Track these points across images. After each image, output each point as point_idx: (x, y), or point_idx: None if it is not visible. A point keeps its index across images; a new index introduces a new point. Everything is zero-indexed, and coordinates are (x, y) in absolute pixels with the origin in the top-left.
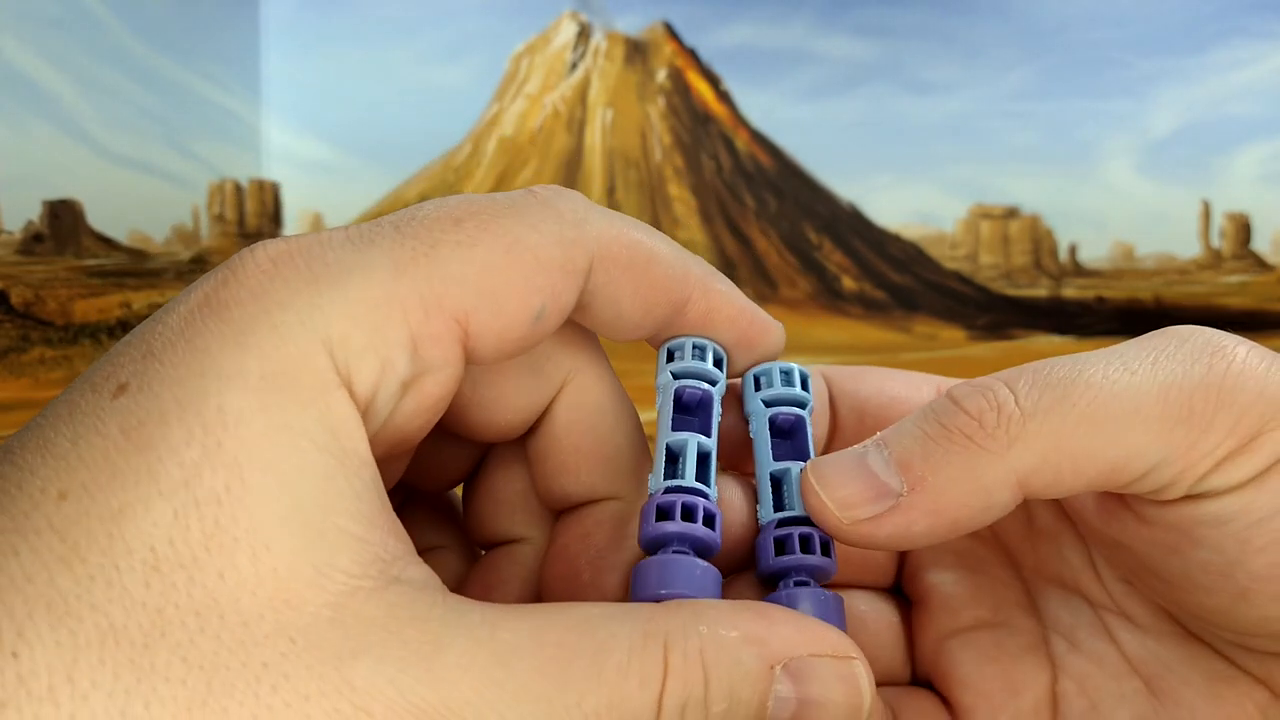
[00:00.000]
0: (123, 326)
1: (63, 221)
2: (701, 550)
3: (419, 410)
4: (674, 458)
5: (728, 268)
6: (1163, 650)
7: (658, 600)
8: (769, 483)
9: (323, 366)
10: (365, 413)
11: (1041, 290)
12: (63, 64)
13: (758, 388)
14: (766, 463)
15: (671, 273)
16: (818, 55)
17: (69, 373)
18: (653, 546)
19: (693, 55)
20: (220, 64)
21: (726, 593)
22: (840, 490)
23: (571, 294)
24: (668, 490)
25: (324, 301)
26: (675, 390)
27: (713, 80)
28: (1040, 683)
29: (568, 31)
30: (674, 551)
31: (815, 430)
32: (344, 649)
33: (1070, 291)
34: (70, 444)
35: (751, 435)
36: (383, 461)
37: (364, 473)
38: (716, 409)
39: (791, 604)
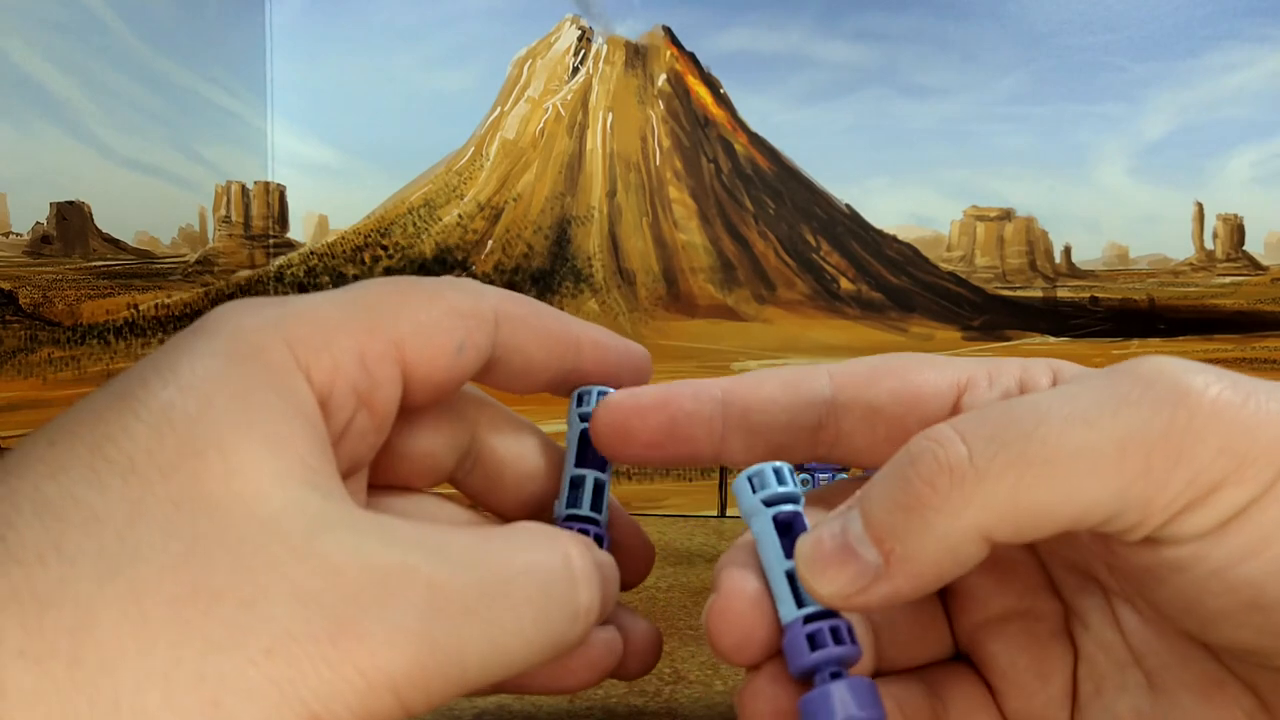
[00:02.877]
0: (130, 327)
1: (70, 223)
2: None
3: (370, 428)
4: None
5: (726, 269)
6: (1163, 647)
7: None
8: (785, 580)
9: (283, 353)
10: (324, 407)
11: (1036, 291)
12: (70, 68)
13: (754, 489)
14: (779, 561)
15: (558, 324)
16: (815, 60)
17: (76, 373)
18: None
19: (692, 60)
20: (226, 68)
21: (752, 682)
22: (828, 574)
23: (484, 337)
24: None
25: (284, 314)
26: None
27: (712, 84)
28: (1067, 667)
29: (569, 36)
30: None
31: (784, 432)
32: (309, 528)
33: (1065, 293)
34: (62, 416)
35: (755, 535)
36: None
37: (317, 430)
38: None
39: (828, 698)
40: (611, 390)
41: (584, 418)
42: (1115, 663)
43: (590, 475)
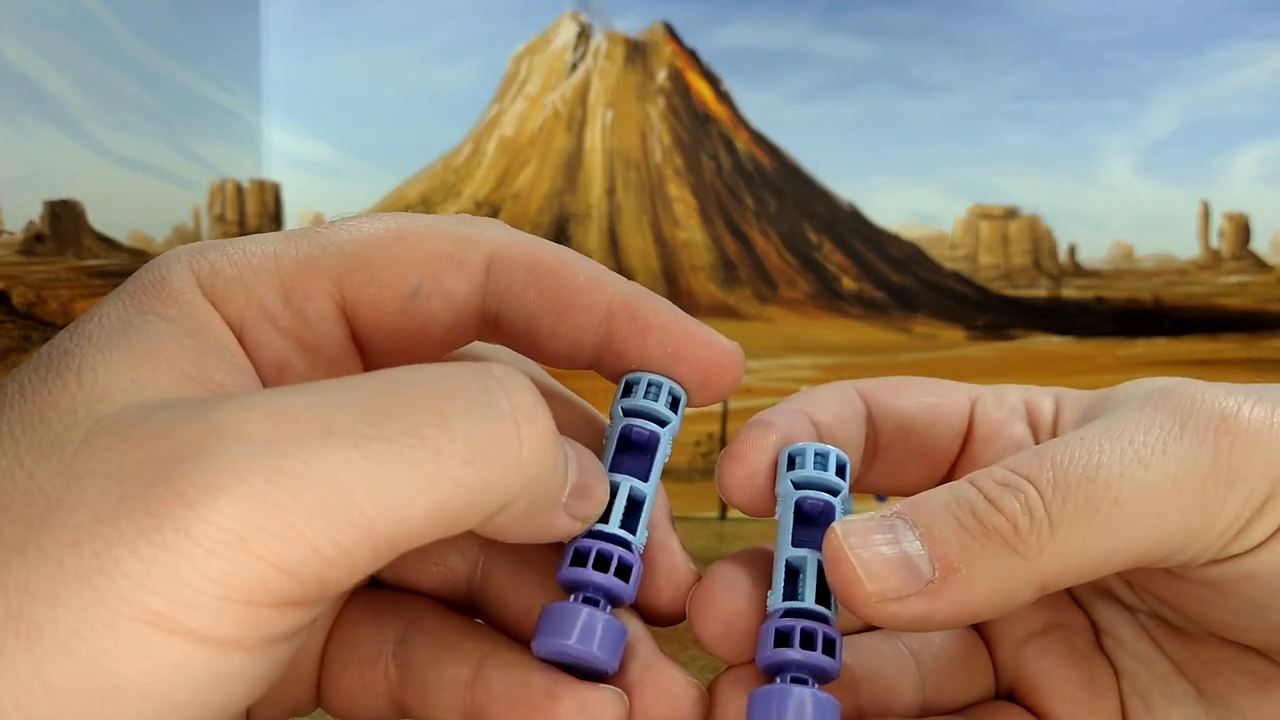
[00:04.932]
0: None
1: (64, 222)
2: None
3: (315, 369)
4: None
5: (727, 268)
6: (1205, 653)
7: None
8: (783, 570)
9: (185, 281)
10: (241, 338)
11: (1041, 290)
12: (64, 65)
13: (790, 467)
14: (785, 548)
15: (580, 280)
16: (817, 56)
17: None
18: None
19: (693, 56)
20: (221, 65)
21: (717, 684)
22: (875, 569)
23: (458, 283)
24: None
25: (205, 248)
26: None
27: (713, 81)
28: (1113, 682)
29: (568, 32)
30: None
31: (854, 451)
32: (144, 413)
33: (1069, 292)
34: None
35: (776, 516)
36: None
37: (223, 351)
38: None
39: (778, 701)
40: (664, 381)
41: (627, 411)
42: (1158, 676)
43: (626, 482)
